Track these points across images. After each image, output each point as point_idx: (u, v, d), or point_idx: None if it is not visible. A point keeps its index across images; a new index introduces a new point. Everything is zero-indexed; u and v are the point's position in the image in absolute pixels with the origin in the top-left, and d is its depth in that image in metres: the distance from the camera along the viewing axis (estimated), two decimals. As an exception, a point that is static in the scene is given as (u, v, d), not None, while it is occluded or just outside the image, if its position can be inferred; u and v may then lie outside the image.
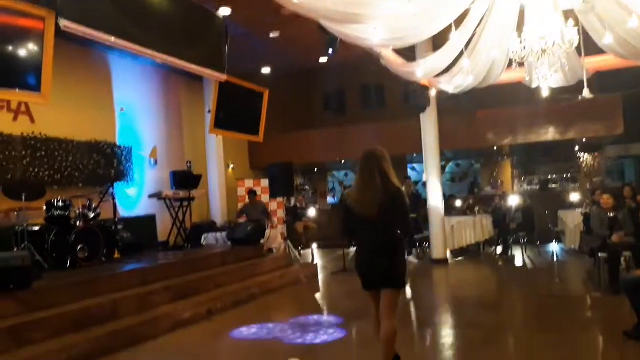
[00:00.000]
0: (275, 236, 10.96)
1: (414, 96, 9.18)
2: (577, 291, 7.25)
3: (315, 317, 6.43)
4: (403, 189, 3.83)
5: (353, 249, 13.23)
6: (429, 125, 10.41)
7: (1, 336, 4.46)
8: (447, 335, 5.52)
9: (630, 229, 6.67)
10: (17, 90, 5.81)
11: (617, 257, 6.57)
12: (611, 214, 6.81)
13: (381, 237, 3.69)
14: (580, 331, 5.11)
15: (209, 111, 8.82)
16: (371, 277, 3.79)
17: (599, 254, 6.85)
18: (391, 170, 3.70)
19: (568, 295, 7.00)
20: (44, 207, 7.12)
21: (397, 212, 3.62)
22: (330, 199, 19.40)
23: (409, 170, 18.45)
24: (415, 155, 15.05)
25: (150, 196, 9.45)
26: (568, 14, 5.26)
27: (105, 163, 9.83)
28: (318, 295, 7.90)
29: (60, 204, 7.18)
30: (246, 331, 5.67)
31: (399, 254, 3.76)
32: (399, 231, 3.74)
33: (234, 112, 8.73)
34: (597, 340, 4.85)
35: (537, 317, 5.87)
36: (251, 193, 10.71)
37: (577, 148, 15.50)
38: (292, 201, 13.98)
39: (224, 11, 7.67)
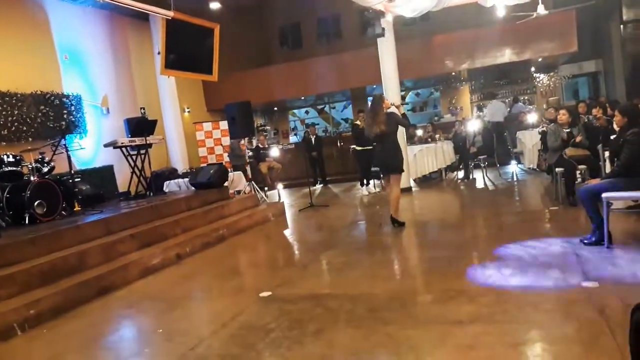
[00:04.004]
0: (239, 178, 10.87)
1: (369, 22, 8.95)
2: (537, 206, 7.52)
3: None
4: (358, 122, 6.78)
5: (319, 186, 13.36)
6: (387, 53, 10.22)
7: (-36, 297, 4.34)
8: (416, 256, 5.68)
9: (585, 143, 6.87)
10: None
11: (573, 171, 6.80)
12: (567, 130, 6.97)
13: (386, 144, 6.56)
14: (540, 242, 5.32)
15: (159, 52, 8.43)
16: (383, 167, 6.81)
17: (556, 169, 7.06)
18: (384, 104, 6.64)
19: (528, 211, 7.24)
20: (-7, 165, 6.82)
21: (396, 123, 6.65)
22: (292, 138, 19.27)
23: (369, 102, 18.38)
24: (375, 86, 14.96)
25: (106, 145, 9.12)
26: None
27: (54, 114, 9.41)
28: (287, 232, 7.96)
29: (11, 159, 6.89)
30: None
31: (398, 153, 6.62)
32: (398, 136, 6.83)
33: (184, 51, 8.37)
34: (556, 249, 5.05)
35: (499, 233, 6.09)
36: None
37: (533, 69, 15.68)
38: (254, 142, 13.81)
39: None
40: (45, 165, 7.30)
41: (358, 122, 12.09)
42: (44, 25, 9.79)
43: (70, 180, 7.49)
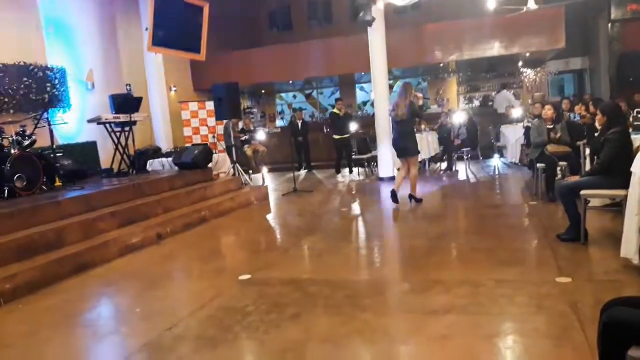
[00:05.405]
0: (224, 160, 10.82)
1: (360, 9, 8.90)
2: (516, 200, 7.62)
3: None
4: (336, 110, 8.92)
5: (303, 171, 13.36)
6: (376, 41, 10.19)
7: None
8: (395, 245, 5.74)
9: (566, 139, 6.95)
10: None
11: (553, 167, 6.89)
12: (549, 126, 7.05)
13: (404, 129, 7.21)
14: (517, 236, 5.41)
15: (147, 28, 8.30)
16: (401, 150, 7.33)
17: (537, 165, 7.15)
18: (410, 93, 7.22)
19: (507, 205, 7.35)
20: (-28, 136, 6.70)
21: (413, 111, 7.21)
22: (279, 122, 19.18)
23: (357, 90, 18.36)
24: (363, 74, 14.93)
25: (89, 121, 9.00)
26: None
27: (37, 87, 9.23)
28: (269, 216, 7.97)
29: (-10, 131, 6.76)
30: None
31: (414, 137, 7.33)
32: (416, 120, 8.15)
33: (172, 29, 8.25)
34: (532, 244, 5.15)
35: (478, 226, 6.17)
36: None
37: (520, 63, 15.76)
38: (240, 124, 13.70)
39: None
40: (27, 138, 7.18)
41: (336, 111, 12.10)
42: (28, -6, 9.55)
43: (52, 155, 7.39)
